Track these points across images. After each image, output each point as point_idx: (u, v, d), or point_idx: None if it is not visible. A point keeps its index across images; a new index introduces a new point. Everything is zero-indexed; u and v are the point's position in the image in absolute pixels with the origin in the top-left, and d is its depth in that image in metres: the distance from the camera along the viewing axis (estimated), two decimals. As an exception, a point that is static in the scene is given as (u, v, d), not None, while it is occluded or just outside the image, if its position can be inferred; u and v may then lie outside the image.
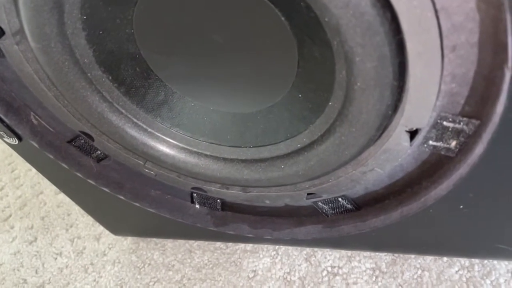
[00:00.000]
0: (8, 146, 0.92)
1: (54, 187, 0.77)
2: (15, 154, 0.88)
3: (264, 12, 0.29)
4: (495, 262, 0.48)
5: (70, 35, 0.33)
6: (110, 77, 0.37)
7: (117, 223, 0.59)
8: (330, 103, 0.32)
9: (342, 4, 0.23)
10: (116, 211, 0.55)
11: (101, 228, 0.66)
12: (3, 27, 0.34)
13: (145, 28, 0.34)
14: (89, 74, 0.36)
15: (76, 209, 0.72)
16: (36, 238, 0.69)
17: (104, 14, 0.33)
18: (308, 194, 0.42)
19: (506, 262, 0.48)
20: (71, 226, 0.70)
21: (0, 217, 0.75)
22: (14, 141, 0.43)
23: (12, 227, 0.73)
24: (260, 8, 0.29)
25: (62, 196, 0.75)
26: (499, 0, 0.22)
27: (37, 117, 0.42)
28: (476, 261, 0.49)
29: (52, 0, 0.30)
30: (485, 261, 0.48)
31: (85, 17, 0.32)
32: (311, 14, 0.27)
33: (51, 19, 0.31)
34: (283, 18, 0.29)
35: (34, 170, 0.82)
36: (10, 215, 0.75)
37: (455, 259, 0.50)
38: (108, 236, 0.66)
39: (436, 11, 0.23)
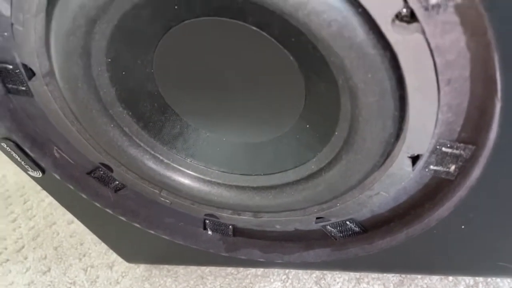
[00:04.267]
0: (20, 178, 0.94)
1: (66, 218, 0.79)
2: (27, 186, 0.91)
3: (274, 52, 0.31)
4: (498, 280, 0.49)
5: (95, 76, 0.35)
6: (130, 113, 0.40)
7: (131, 250, 0.61)
8: (336, 133, 0.34)
9: (346, 46, 0.26)
10: (130, 239, 0.56)
11: (114, 256, 0.68)
12: (33, 69, 0.37)
13: (163, 67, 0.37)
14: (110, 111, 0.38)
15: (89, 238, 0.73)
16: (49, 268, 0.71)
17: (127, 56, 0.35)
18: (317, 218, 0.43)
19: (509, 280, 0.49)
20: (84, 256, 0.71)
21: (13, 248, 0.76)
22: (38, 174, 0.45)
23: (25, 258, 0.74)
24: (270, 48, 0.31)
25: (74, 226, 0.76)
26: (486, 40, 0.25)
27: (59, 151, 0.45)
28: (480, 279, 0.50)
29: (81, 46, 0.32)
30: (489, 279, 0.50)
31: (109, 60, 0.35)
32: (317, 54, 0.29)
33: (79, 63, 0.33)
34: (291, 58, 0.31)
35: (46, 201, 0.85)
36: (23, 246, 0.76)
37: (460, 278, 0.51)
38: (121, 264, 0.67)
39: (431, 50, 0.25)
